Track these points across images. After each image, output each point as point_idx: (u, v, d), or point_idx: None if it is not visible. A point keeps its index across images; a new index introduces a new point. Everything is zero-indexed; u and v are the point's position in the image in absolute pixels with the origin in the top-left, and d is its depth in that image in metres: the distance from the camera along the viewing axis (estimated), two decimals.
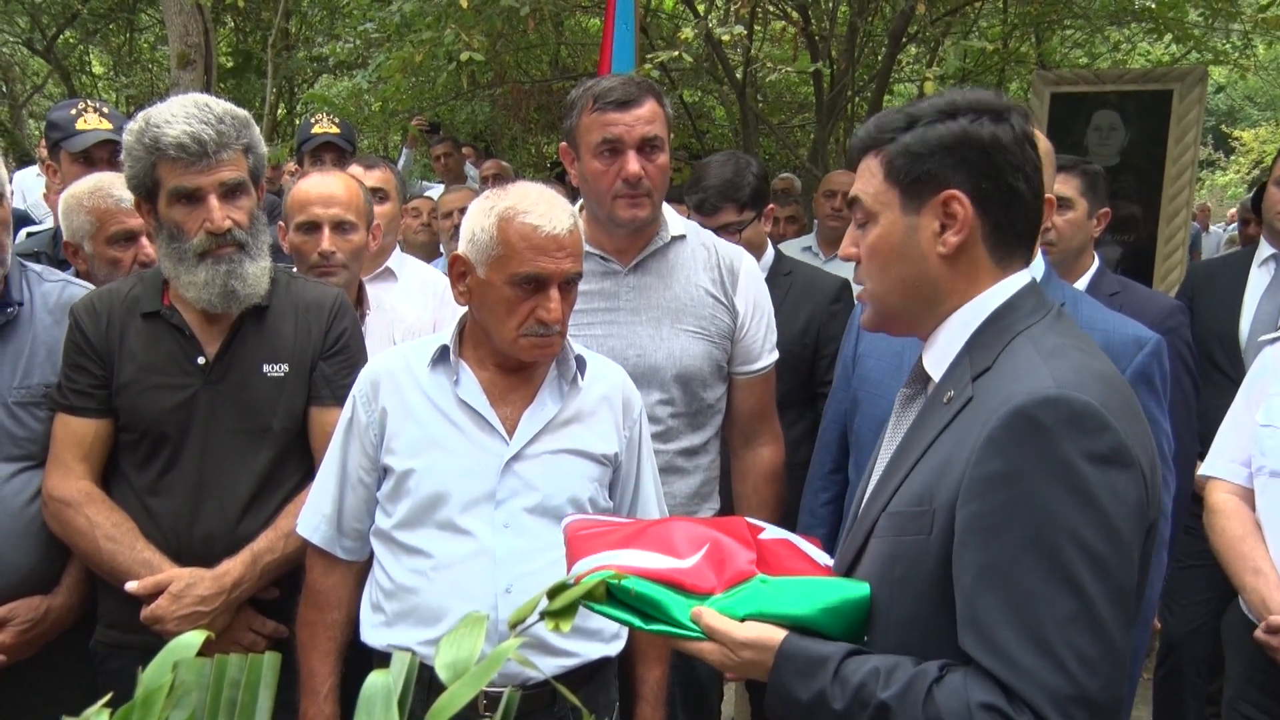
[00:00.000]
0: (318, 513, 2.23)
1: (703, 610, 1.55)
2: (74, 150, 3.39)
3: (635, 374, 2.55)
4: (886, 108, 8.74)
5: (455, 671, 0.82)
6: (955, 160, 1.52)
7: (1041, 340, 1.49)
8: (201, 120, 2.27)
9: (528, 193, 2.11)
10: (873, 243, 1.60)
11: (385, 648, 2.13)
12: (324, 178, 3.06)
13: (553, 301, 2.07)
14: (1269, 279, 3.83)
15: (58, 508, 2.33)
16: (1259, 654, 2.49)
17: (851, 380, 2.79)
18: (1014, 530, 1.34)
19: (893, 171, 1.57)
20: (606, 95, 2.54)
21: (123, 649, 2.35)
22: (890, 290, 1.61)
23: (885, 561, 1.52)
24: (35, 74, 15.88)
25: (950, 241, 1.54)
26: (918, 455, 1.52)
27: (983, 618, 1.36)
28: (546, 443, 2.16)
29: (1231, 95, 24.22)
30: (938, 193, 1.53)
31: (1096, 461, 1.34)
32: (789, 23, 7.62)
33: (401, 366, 2.20)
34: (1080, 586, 1.32)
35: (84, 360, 2.35)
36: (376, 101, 8.40)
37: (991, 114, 1.53)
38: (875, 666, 1.43)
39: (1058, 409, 1.36)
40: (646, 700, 2.33)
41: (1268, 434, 2.53)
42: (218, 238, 2.31)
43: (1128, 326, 2.46)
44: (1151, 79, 5.41)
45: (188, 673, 0.89)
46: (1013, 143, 1.53)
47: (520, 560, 2.10)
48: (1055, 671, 1.31)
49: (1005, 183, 1.53)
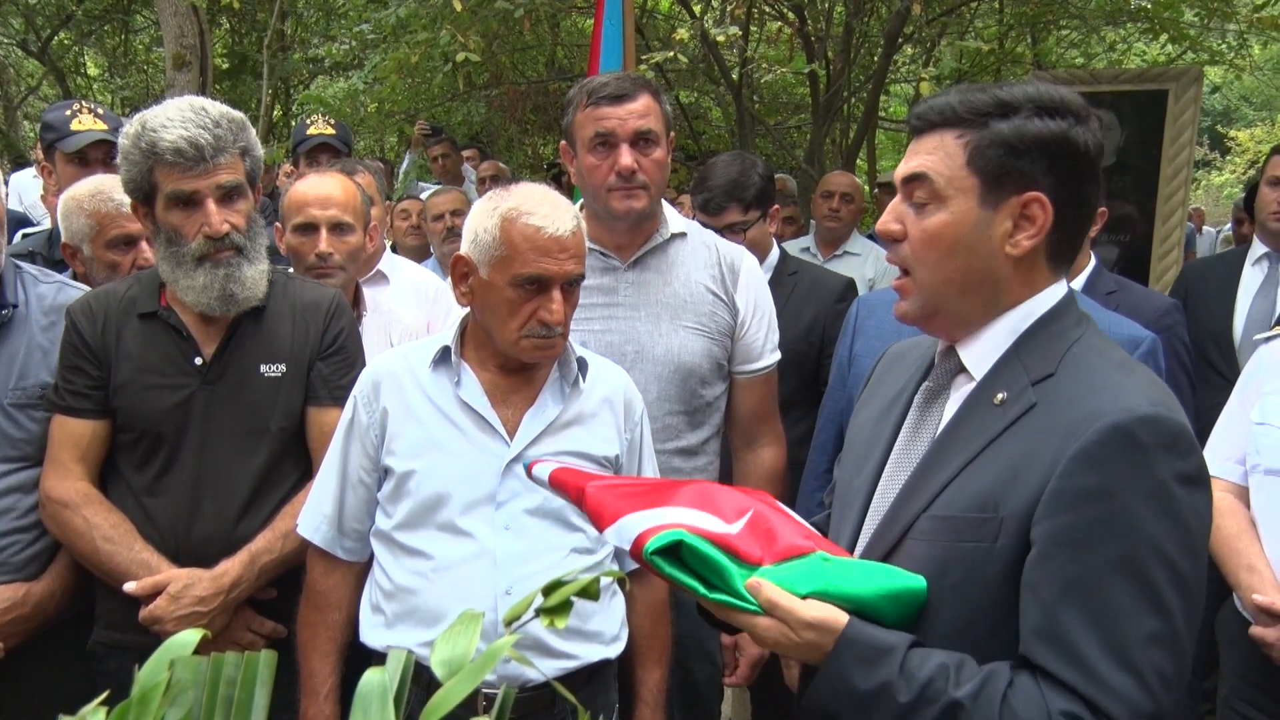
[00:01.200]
0: (318, 513, 2.23)
1: (762, 583, 1.43)
2: (68, 151, 3.38)
3: (633, 369, 2.55)
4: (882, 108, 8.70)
5: (450, 669, 0.82)
6: (1049, 162, 1.46)
7: (1106, 353, 1.47)
8: (198, 124, 2.26)
9: (531, 194, 2.11)
10: (935, 229, 1.51)
11: (384, 649, 2.13)
12: (320, 179, 3.06)
13: (555, 303, 2.07)
14: (1262, 277, 3.85)
15: (55, 509, 2.32)
16: (1254, 651, 2.49)
17: (847, 380, 2.79)
18: (1106, 547, 1.33)
19: (979, 158, 1.47)
20: (600, 90, 2.55)
21: (121, 649, 2.35)
22: (947, 281, 1.52)
23: (936, 566, 1.46)
24: (30, 76, 15.85)
25: (1023, 245, 1.48)
26: (969, 457, 1.47)
27: (1065, 630, 1.34)
28: (547, 444, 2.16)
29: (1227, 95, 24.25)
30: (1022, 192, 1.46)
31: (1187, 483, 1.35)
32: (785, 23, 7.63)
33: (403, 367, 2.20)
34: (1166, 606, 1.32)
35: (81, 361, 2.35)
36: (372, 103, 8.40)
37: (1085, 120, 1.47)
38: (943, 662, 1.38)
39: (1157, 429, 1.35)
40: (646, 703, 2.33)
41: (1262, 432, 2.53)
42: (216, 242, 2.30)
43: (1123, 326, 2.46)
44: (1147, 79, 5.41)
45: (184, 671, 0.89)
46: (1096, 152, 1.48)
47: (521, 562, 2.10)
48: (1139, 689, 1.31)
49: (1082, 192, 1.49)
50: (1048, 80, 5.11)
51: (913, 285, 1.56)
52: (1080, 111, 1.48)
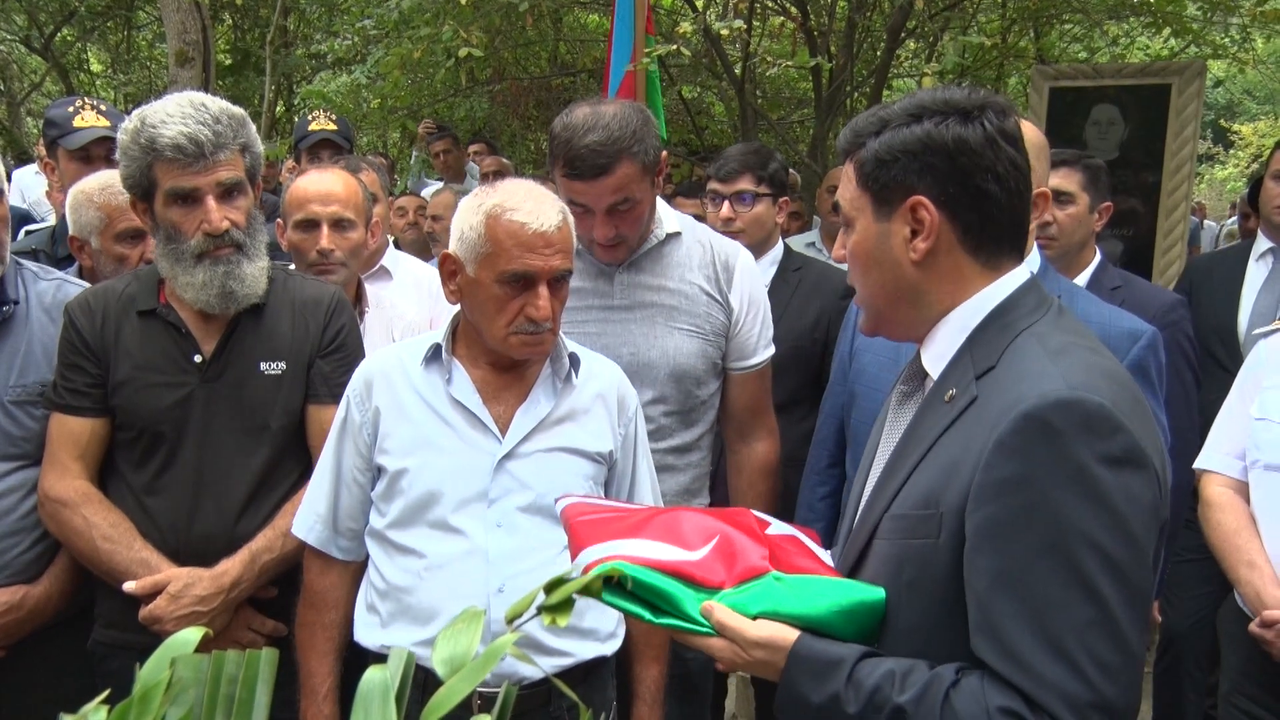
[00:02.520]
0: (313, 513, 2.23)
1: (714, 606, 1.52)
2: (71, 148, 3.39)
3: (629, 372, 2.54)
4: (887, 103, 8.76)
5: (452, 666, 0.82)
6: (920, 166, 1.50)
7: (1047, 338, 1.47)
8: (198, 120, 2.25)
9: (516, 190, 2.10)
10: (851, 248, 1.61)
11: (379, 648, 2.13)
12: (322, 175, 3.05)
13: (541, 299, 2.06)
14: (1267, 272, 3.85)
15: (54, 508, 2.32)
16: (1255, 648, 2.49)
17: (848, 375, 2.79)
18: (1029, 536, 1.33)
19: (863, 178, 1.56)
20: (575, 163, 2.45)
21: (121, 649, 2.35)
22: (874, 295, 1.62)
23: (893, 565, 1.50)
24: (33, 72, 15.84)
25: (920, 248, 1.52)
26: (919, 455, 1.50)
27: (998, 624, 1.35)
28: (540, 441, 2.16)
29: (1230, 89, 24.21)
30: (905, 199, 1.52)
31: (1110, 464, 1.33)
32: (788, 18, 7.60)
33: (395, 365, 2.20)
34: (1097, 592, 1.31)
35: (79, 359, 2.34)
36: (375, 99, 8.39)
37: (959, 115, 1.50)
38: (890, 669, 1.42)
39: (1070, 411, 1.34)
40: (644, 700, 2.33)
41: (1262, 427, 2.53)
42: (215, 239, 2.30)
43: (1123, 320, 2.46)
44: (1150, 73, 5.41)
45: (185, 669, 0.89)
46: (981, 143, 1.49)
47: (513, 560, 2.10)
48: (1074, 678, 1.31)
49: (973, 185, 1.50)
50: (1050, 75, 5.06)
51: (858, 300, 1.69)
52: (954, 108, 1.50)
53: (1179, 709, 3.80)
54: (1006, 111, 1.54)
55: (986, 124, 1.50)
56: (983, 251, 1.54)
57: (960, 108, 1.51)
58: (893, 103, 1.58)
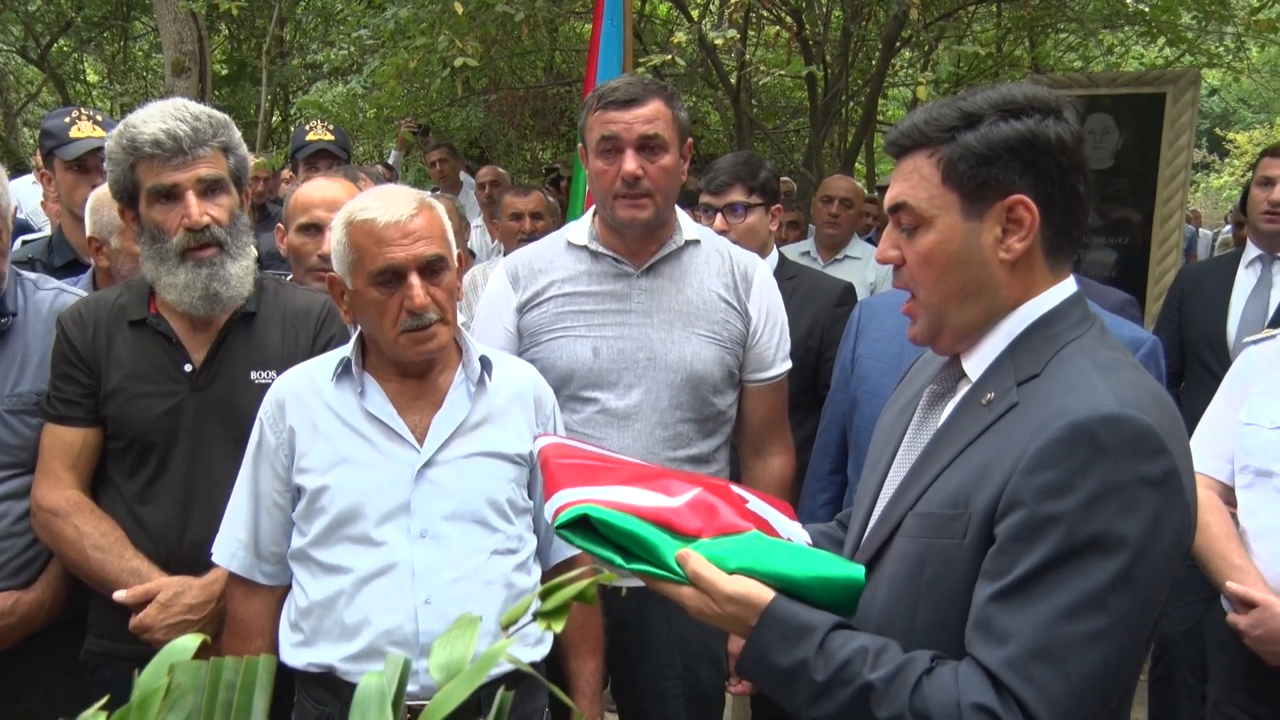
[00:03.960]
0: (233, 540, 2.18)
1: (690, 554, 1.49)
2: (68, 158, 3.39)
3: (645, 375, 2.55)
4: (881, 112, 8.72)
5: (449, 672, 0.83)
6: (1023, 164, 1.45)
7: (1095, 353, 1.46)
8: (177, 118, 2.28)
9: (368, 194, 2.13)
10: (927, 250, 1.52)
11: (305, 667, 2.10)
12: (329, 183, 3.07)
13: (414, 289, 2.04)
14: (1256, 280, 3.86)
15: (46, 517, 2.32)
16: (1244, 655, 2.49)
17: (850, 382, 2.79)
18: (1052, 543, 1.33)
19: (953, 174, 1.48)
20: (609, 94, 2.53)
21: (114, 658, 2.34)
22: (949, 298, 1.53)
23: (914, 562, 1.48)
24: (30, 82, 15.86)
25: (1016, 249, 1.48)
26: (951, 456, 1.49)
27: (998, 620, 1.35)
28: (458, 447, 2.14)
29: (1226, 98, 24.28)
30: (1003, 197, 1.46)
31: (1150, 486, 1.33)
32: (782, 27, 7.63)
33: (306, 384, 2.17)
34: (1108, 606, 1.31)
35: (71, 369, 2.34)
36: (371, 108, 8.41)
37: (1054, 113, 1.47)
38: (863, 645, 1.41)
39: (1119, 428, 1.33)
40: (583, 694, 2.33)
41: (1250, 433, 2.53)
42: (196, 234, 2.30)
43: (1125, 328, 2.47)
44: (1145, 82, 5.42)
45: (184, 675, 0.89)
46: (1075, 142, 1.47)
47: (438, 569, 2.08)
48: (1061, 683, 1.31)
49: (1069, 185, 1.48)
50: (1045, 84, 5.11)
51: (918, 307, 1.58)
52: (1045, 106, 1.47)
53: (1173, 716, 3.80)
54: (1078, 112, 1.52)
55: (1072, 121, 1.48)
56: (1056, 253, 1.52)
57: (1050, 104, 1.47)
58: (962, 96, 1.52)
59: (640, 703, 2.71)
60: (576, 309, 2.61)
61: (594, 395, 2.58)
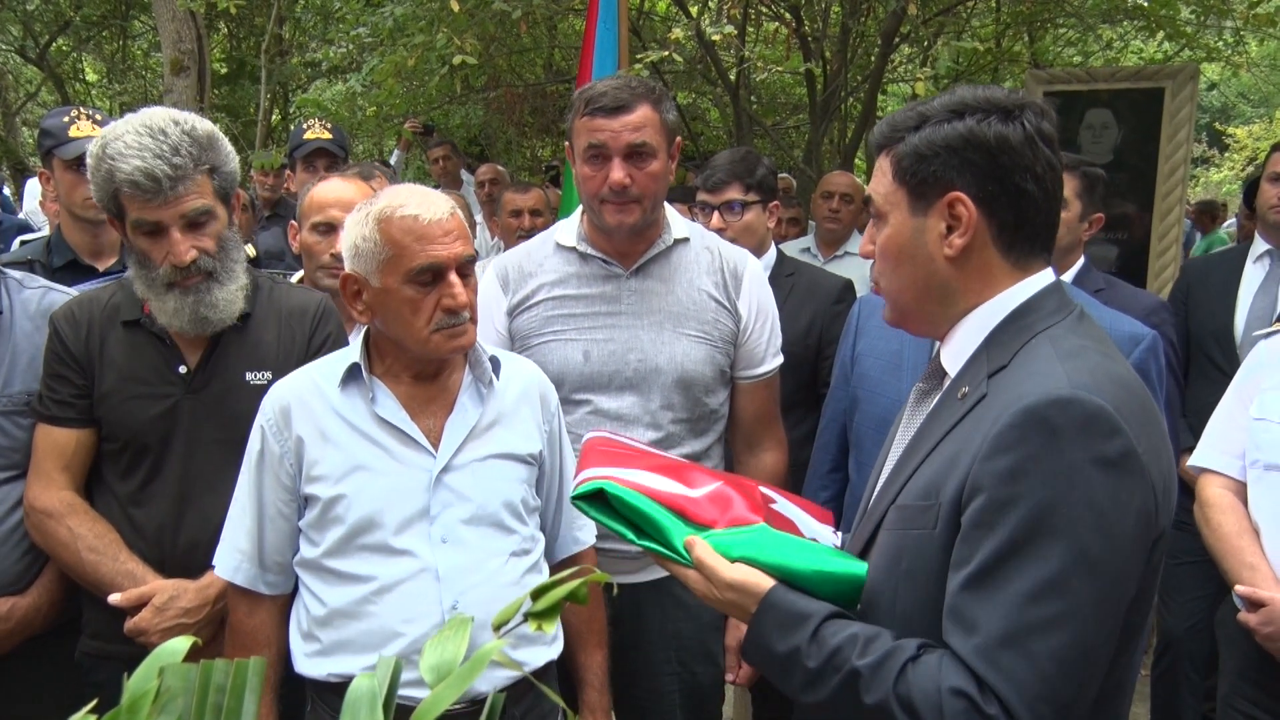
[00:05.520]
0: (236, 551, 2.14)
1: (696, 540, 1.59)
2: (67, 158, 3.37)
3: (636, 378, 2.54)
4: (880, 108, 8.75)
5: (440, 674, 0.82)
6: (960, 162, 1.51)
7: (1061, 341, 1.48)
8: (155, 154, 2.18)
9: (398, 190, 2.09)
10: (883, 243, 1.61)
11: (326, 677, 2.07)
12: (344, 183, 3.07)
13: (455, 287, 2.03)
14: (1264, 274, 3.84)
15: (39, 519, 2.31)
16: (1254, 650, 2.49)
17: (850, 379, 2.79)
18: (1009, 527, 1.35)
19: (900, 172, 1.56)
20: (596, 100, 2.49)
21: (108, 660, 2.33)
22: (902, 290, 1.62)
23: (893, 554, 1.52)
24: (29, 82, 15.88)
25: (955, 244, 1.53)
26: (928, 450, 1.53)
27: (966, 609, 1.37)
28: (473, 450, 2.13)
29: (1225, 92, 24.22)
30: (943, 195, 1.52)
31: (1103, 466, 1.34)
32: (781, 23, 7.63)
33: (310, 390, 2.12)
34: (1069, 588, 1.33)
35: (64, 370, 2.32)
36: (370, 106, 8.40)
37: (1001, 113, 1.51)
38: (855, 633, 1.45)
39: (1069, 410, 1.35)
40: (591, 685, 2.34)
41: (1261, 428, 2.53)
42: (182, 270, 2.26)
43: (1124, 323, 2.46)
44: (1144, 77, 5.41)
45: (173, 678, 0.89)
46: (1021, 143, 1.50)
47: (463, 574, 2.07)
48: (1029, 669, 1.33)
49: (1012, 184, 1.51)
50: (1044, 79, 5.06)
51: (883, 293, 1.68)
52: (995, 106, 1.52)
53: (1176, 713, 3.80)
54: (1044, 113, 1.55)
55: (1026, 123, 1.51)
56: (1014, 251, 1.55)
57: (1002, 106, 1.52)
58: (930, 99, 1.59)
59: (636, 699, 2.71)
60: (566, 312, 2.60)
61: (586, 398, 2.58)
